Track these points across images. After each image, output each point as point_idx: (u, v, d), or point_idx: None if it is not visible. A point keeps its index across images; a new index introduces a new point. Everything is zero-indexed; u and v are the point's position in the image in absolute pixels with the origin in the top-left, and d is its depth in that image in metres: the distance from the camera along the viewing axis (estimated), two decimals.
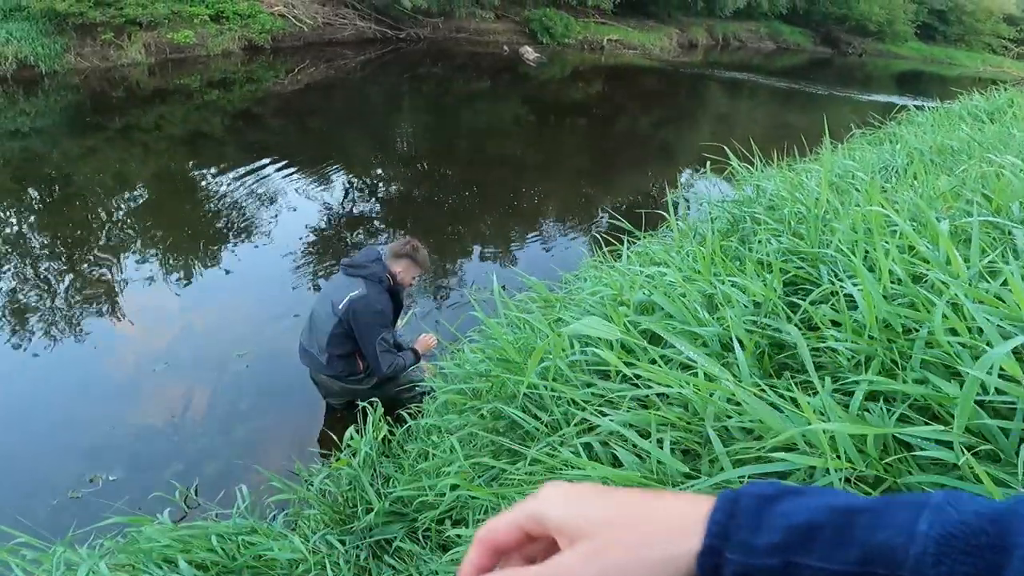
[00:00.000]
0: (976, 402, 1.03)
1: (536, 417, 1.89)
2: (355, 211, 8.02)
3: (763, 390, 1.20)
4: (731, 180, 3.97)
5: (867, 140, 5.80)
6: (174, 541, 2.22)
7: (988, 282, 1.38)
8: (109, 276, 5.78)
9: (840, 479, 1.02)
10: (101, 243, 6.40)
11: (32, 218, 7.01)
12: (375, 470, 2.74)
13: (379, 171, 9.75)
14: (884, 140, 5.49)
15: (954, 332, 1.20)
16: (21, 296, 5.33)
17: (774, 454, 1.12)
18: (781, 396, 1.21)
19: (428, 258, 3.90)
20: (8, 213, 7.03)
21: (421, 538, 2.34)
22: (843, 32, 34.48)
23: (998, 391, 1.05)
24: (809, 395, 1.18)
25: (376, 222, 7.62)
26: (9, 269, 5.78)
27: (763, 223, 2.36)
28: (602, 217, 8.29)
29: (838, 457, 1.02)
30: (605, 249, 3.37)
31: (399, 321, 4.12)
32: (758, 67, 26.19)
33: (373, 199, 8.57)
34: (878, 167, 3.37)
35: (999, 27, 38.97)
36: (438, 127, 12.67)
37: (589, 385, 1.74)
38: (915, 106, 6.63)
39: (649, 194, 9.62)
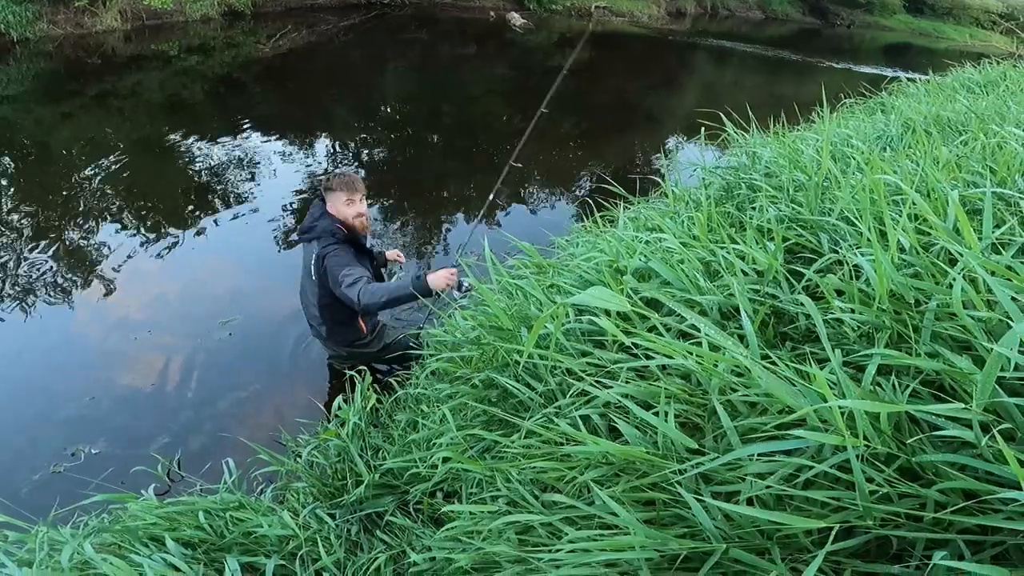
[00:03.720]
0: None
1: (530, 387, 1.84)
2: None
3: (773, 363, 1.15)
4: (722, 147, 3.92)
5: (860, 109, 5.75)
6: (160, 518, 2.17)
7: (1000, 254, 1.35)
8: (88, 243, 5.66)
9: (855, 457, 0.98)
10: (79, 210, 6.25)
11: (5, 185, 6.83)
12: (364, 441, 2.69)
13: (363, 136, 9.59)
14: (876, 110, 5.44)
15: (964, 305, 1.16)
16: None
17: (786, 431, 1.08)
18: (787, 367, 1.17)
19: (351, 177, 3.48)
20: None
21: (412, 511, 2.31)
22: (831, 3, 34.20)
23: (1017, 367, 1.01)
24: (818, 367, 1.14)
25: None
26: None
27: (761, 190, 2.31)
28: (589, 182, 8.23)
29: (854, 435, 0.98)
30: (598, 214, 3.32)
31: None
32: (746, 36, 25.97)
33: (357, 164, 8.44)
34: (873, 136, 3.32)
35: (988, 2, 38.84)
36: (423, 93, 12.47)
37: (585, 354, 1.69)
38: (907, 78, 6.58)
39: (636, 160, 9.57)
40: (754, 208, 2.28)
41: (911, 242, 1.40)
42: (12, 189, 6.76)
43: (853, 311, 1.33)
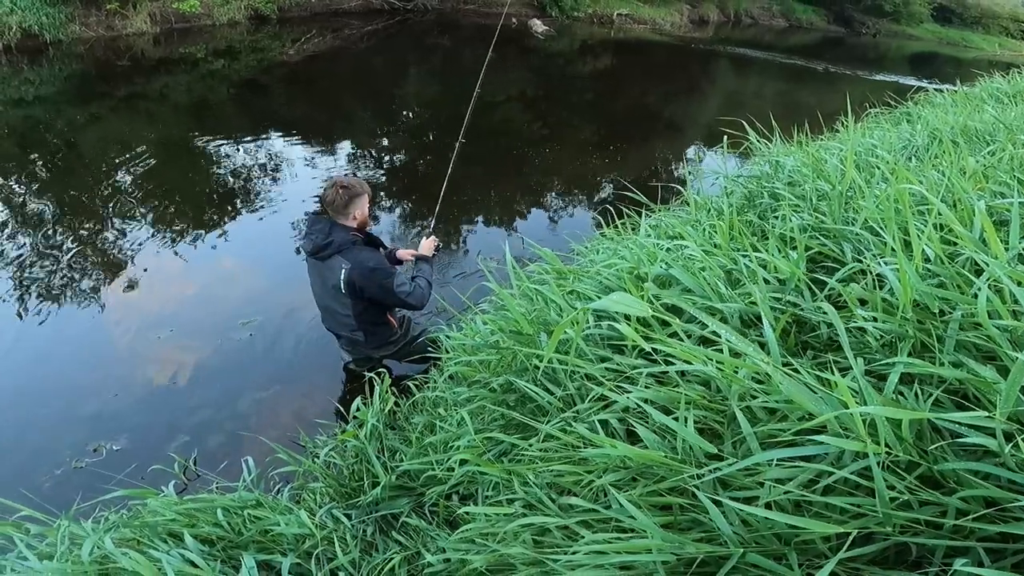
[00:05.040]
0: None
1: (549, 391, 1.85)
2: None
3: (795, 370, 1.15)
4: (743, 156, 3.90)
5: (885, 119, 5.69)
6: (179, 515, 2.20)
7: None
8: (113, 243, 5.75)
9: (877, 464, 0.97)
10: (105, 210, 6.35)
11: (36, 185, 6.95)
12: (381, 443, 2.71)
13: (384, 141, 9.66)
14: (901, 120, 5.39)
15: (989, 315, 1.15)
16: (24, 262, 5.30)
17: (805, 437, 1.08)
18: (808, 374, 1.16)
19: (357, 180, 3.47)
20: (12, 180, 6.98)
21: (428, 513, 2.31)
22: (857, 11, 33.97)
23: None
24: (840, 375, 1.13)
25: (381, 191, 7.55)
26: (12, 235, 5.75)
27: (784, 199, 2.30)
28: (609, 189, 8.24)
29: (876, 442, 0.98)
30: (618, 222, 3.32)
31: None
32: (770, 44, 25.85)
33: (378, 168, 8.50)
34: (899, 146, 3.30)
35: (1017, 11, 38.39)
36: (444, 98, 12.52)
37: (604, 359, 1.69)
38: (934, 88, 6.51)
39: (657, 167, 9.55)
40: (776, 217, 2.27)
41: (936, 252, 1.39)
42: (41, 188, 6.88)
43: (876, 320, 1.33)
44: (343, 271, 3.33)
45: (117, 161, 7.60)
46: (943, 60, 27.88)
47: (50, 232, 5.83)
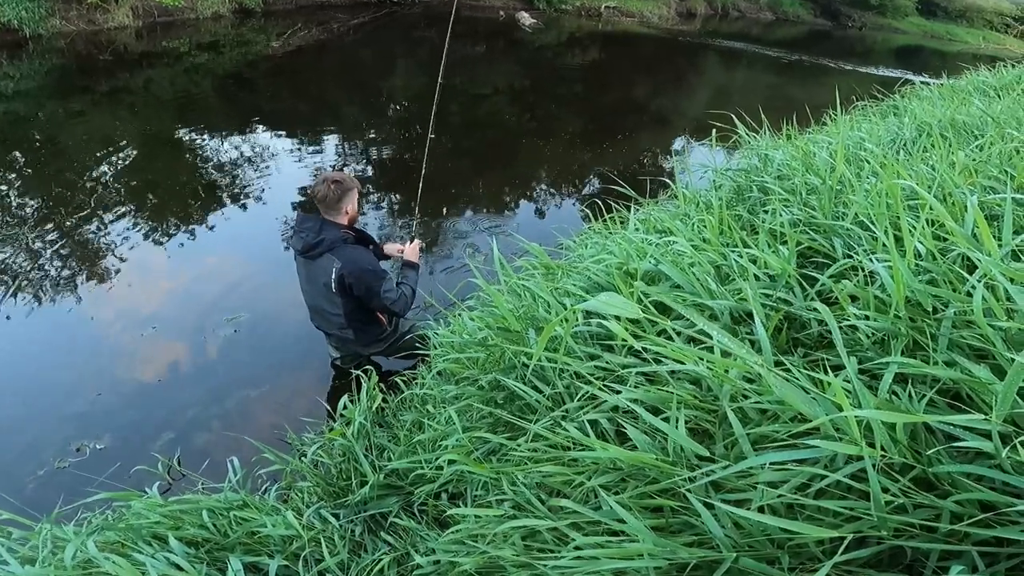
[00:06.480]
0: None
1: (537, 390, 1.82)
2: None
3: (787, 369, 1.13)
4: (732, 149, 3.89)
5: (872, 112, 5.70)
6: (164, 517, 2.16)
7: (1020, 261, 1.32)
8: (97, 238, 5.67)
9: (872, 466, 0.96)
10: (88, 205, 6.26)
11: (16, 180, 6.85)
12: (369, 441, 2.68)
13: (371, 134, 9.57)
14: (889, 113, 5.39)
15: (983, 313, 1.13)
16: (5, 258, 5.22)
17: (798, 439, 1.06)
18: (800, 374, 1.15)
19: (346, 175, 3.46)
20: None
21: (417, 512, 2.29)
22: (843, 5, 34.03)
23: None
24: (832, 374, 1.11)
25: (368, 185, 7.49)
26: None
27: (773, 193, 2.28)
28: (597, 182, 8.21)
29: (871, 444, 0.96)
30: (606, 215, 3.29)
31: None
32: (757, 38, 25.87)
33: (365, 162, 8.43)
34: (887, 139, 3.29)
35: (1002, 4, 38.60)
36: (430, 91, 12.42)
37: (593, 358, 1.67)
38: (920, 81, 6.52)
39: (645, 161, 9.53)
40: (766, 211, 2.25)
41: (928, 248, 1.37)
42: (23, 185, 6.77)
43: (868, 318, 1.31)
44: (334, 269, 3.30)
45: (100, 156, 7.50)
46: (928, 53, 28.00)
47: (31, 228, 5.74)
